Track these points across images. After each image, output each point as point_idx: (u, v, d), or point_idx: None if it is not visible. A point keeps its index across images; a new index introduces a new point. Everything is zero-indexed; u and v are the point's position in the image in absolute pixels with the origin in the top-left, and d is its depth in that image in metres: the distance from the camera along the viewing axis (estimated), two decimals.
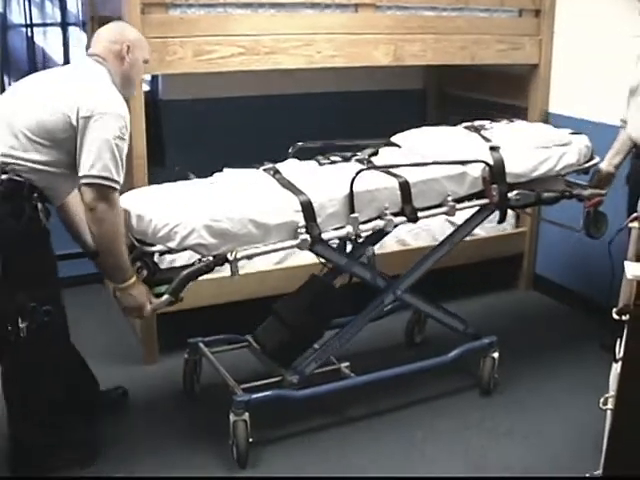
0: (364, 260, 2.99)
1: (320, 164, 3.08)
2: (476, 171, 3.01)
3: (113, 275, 2.60)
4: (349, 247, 3.13)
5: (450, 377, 3.33)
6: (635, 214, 2.01)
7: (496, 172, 3.00)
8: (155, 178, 3.36)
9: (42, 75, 2.69)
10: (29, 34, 4.32)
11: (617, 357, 2.01)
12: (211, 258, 2.60)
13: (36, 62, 4.36)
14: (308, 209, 2.70)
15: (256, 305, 3.17)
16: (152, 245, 2.61)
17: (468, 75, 4.55)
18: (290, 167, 3.04)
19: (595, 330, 3.55)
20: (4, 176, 2.42)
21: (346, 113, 4.63)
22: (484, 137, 3.20)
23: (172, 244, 2.56)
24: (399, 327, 3.68)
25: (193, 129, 4.27)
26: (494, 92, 4.50)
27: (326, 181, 2.87)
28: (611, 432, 1.78)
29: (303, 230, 2.70)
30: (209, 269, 2.62)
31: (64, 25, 4.40)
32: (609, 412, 2.08)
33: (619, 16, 3.70)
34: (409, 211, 2.88)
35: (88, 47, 3.96)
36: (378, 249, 3.18)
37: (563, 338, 3.81)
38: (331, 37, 3.47)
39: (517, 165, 3.06)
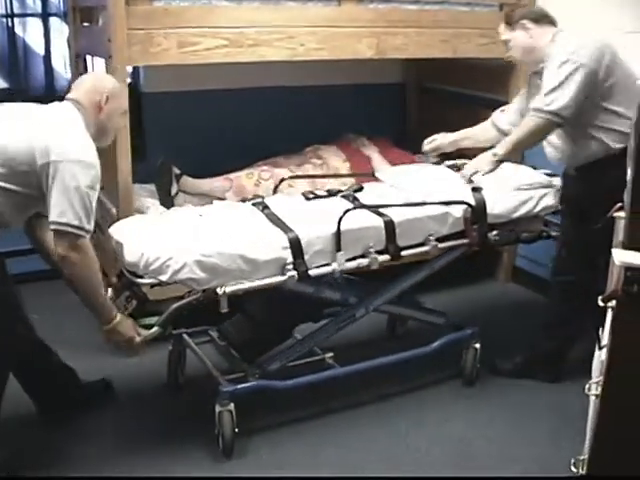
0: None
1: (307, 199, 3.13)
2: (458, 211, 3.08)
3: (96, 316, 2.63)
4: None
5: (433, 368, 3.35)
6: (619, 204, 2.04)
7: (477, 213, 3.09)
8: (138, 171, 3.36)
9: (17, 106, 2.65)
10: (9, 25, 4.28)
11: (601, 344, 2.05)
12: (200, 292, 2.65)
13: (17, 53, 4.32)
14: (296, 246, 2.75)
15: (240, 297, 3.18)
16: (142, 277, 2.64)
17: (448, 69, 4.58)
18: (278, 202, 3.09)
19: None
20: None
21: (327, 107, 4.64)
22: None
23: (164, 277, 2.60)
24: (381, 318, 3.69)
25: (175, 122, 4.26)
26: (474, 86, 4.54)
27: (314, 218, 2.92)
28: (599, 419, 1.81)
29: (291, 267, 2.75)
30: (198, 303, 2.68)
31: (45, 16, 4.36)
32: (592, 398, 2.12)
33: (599, 10, 3.75)
34: (393, 249, 2.95)
35: (69, 39, 4.01)
36: None
37: None
38: (314, 30, 3.47)
39: (498, 206, 3.15)
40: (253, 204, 3.04)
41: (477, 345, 3.28)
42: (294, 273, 2.75)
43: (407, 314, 3.39)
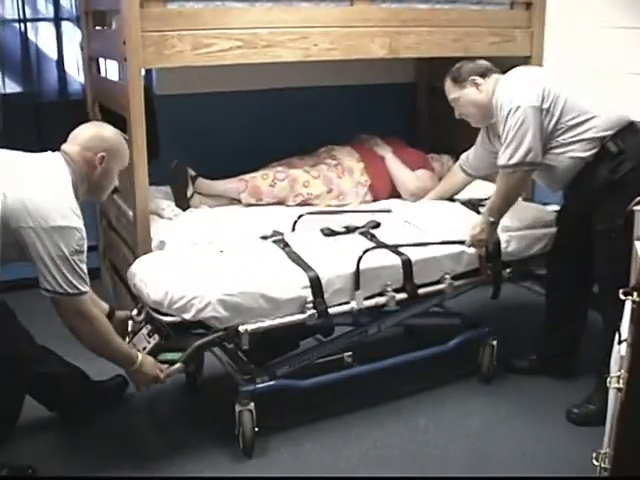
0: None
1: (325, 235, 3.18)
2: (473, 250, 3.12)
3: (118, 364, 2.68)
4: None
5: (451, 365, 3.37)
6: (639, 198, 2.05)
7: (492, 251, 3.14)
8: (152, 174, 3.36)
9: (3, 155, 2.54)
10: (22, 30, 4.29)
11: (621, 338, 2.05)
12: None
13: (30, 58, 4.34)
14: (316, 285, 2.81)
15: None
16: (165, 314, 2.69)
17: None
18: (298, 239, 3.14)
19: None
20: None
21: (338, 107, 4.66)
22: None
23: (187, 316, 2.66)
24: None
25: (188, 124, 4.28)
26: None
27: (333, 256, 2.97)
28: (622, 413, 1.81)
29: (311, 305, 2.80)
30: (220, 341, 2.74)
31: (57, 20, 4.38)
32: (611, 392, 2.12)
33: (609, 8, 3.75)
34: (410, 288, 3.00)
35: (82, 44, 4.02)
36: None
37: None
38: (327, 30, 3.47)
39: (512, 245, 3.21)
40: (273, 241, 3.09)
41: (494, 342, 3.29)
42: (314, 312, 2.80)
43: (422, 323, 3.40)
